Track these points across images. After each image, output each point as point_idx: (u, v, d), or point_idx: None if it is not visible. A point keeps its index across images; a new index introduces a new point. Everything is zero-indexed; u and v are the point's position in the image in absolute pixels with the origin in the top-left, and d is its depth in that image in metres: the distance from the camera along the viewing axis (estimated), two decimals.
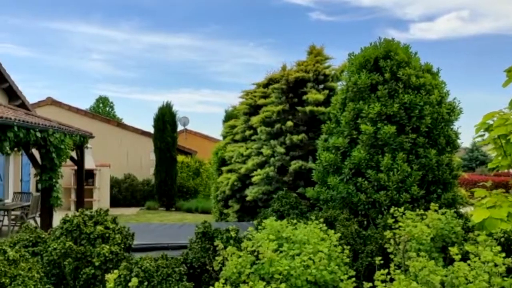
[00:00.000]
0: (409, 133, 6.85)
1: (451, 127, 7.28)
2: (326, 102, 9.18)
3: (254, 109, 10.87)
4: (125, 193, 20.44)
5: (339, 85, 9.13)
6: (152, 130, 20.35)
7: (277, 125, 9.61)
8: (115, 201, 19.63)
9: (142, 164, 21.38)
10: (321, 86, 9.85)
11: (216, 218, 12.28)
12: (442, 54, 41.01)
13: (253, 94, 11.16)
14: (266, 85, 10.93)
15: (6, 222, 12.94)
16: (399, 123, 6.89)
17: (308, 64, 9.85)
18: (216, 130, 76.28)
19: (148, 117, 76.37)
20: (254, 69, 52.47)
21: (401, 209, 5.56)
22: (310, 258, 4.62)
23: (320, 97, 9.23)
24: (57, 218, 12.09)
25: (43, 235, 5.51)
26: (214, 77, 58.01)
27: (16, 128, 9.30)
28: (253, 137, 10.55)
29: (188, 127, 25.96)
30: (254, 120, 10.25)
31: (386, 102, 6.94)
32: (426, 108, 6.88)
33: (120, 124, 22.85)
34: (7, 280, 4.26)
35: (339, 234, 5.25)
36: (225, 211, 11.49)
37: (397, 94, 7.00)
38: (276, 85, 9.97)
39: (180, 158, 20.76)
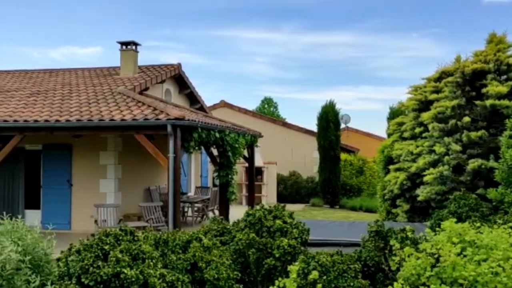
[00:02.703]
0: None
1: None
2: (510, 95, 8.31)
3: (424, 105, 10.35)
4: (290, 189, 21.25)
5: None
6: (314, 129, 20.79)
7: (452, 121, 9.01)
8: (281, 197, 20.54)
9: (306, 161, 21.95)
10: (504, 77, 8.94)
11: (383, 217, 12.02)
12: None
13: (423, 89, 10.63)
14: (437, 79, 10.32)
15: (190, 213, 14.56)
16: None
17: (488, 53, 9.02)
18: (377, 127, 74.15)
19: (309, 115, 77.86)
20: (417, 62, 49.64)
21: None
22: (499, 265, 4.27)
23: (503, 89, 8.39)
24: (232, 211, 13.21)
25: (228, 226, 6.09)
26: (374, 72, 56.51)
27: (199, 129, 10.41)
28: (423, 134, 10.05)
29: (348, 125, 25.86)
30: (425, 116, 9.76)
31: None
32: None
33: (285, 124, 23.81)
34: (203, 265, 4.83)
35: None
36: (393, 210, 11.18)
37: None
38: (449, 79, 9.35)
39: (343, 156, 20.79)
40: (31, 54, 51.66)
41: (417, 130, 10.35)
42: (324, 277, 4.62)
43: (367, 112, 55.70)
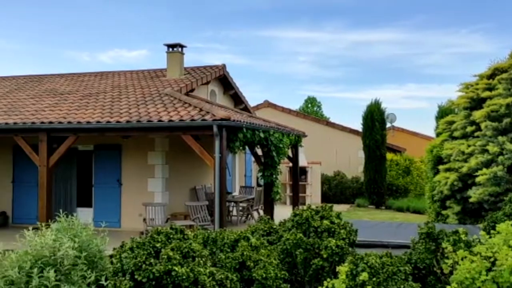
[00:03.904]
0: None
1: None
2: None
3: (476, 103, 10.00)
4: (335, 189, 21.04)
5: None
6: (358, 128, 20.50)
7: (506, 120, 8.66)
8: (326, 197, 20.38)
9: (350, 161, 21.68)
10: None
11: (432, 219, 11.70)
12: None
13: (475, 87, 10.26)
14: (490, 76, 9.94)
15: (234, 212, 14.69)
16: None
17: None
18: (423, 126, 72.08)
19: (353, 114, 76.74)
20: (466, 58, 47.95)
21: None
22: None
23: None
24: (276, 211, 13.22)
25: (275, 226, 6.11)
26: (421, 70, 54.97)
27: (244, 130, 10.49)
28: (475, 134, 9.71)
29: (394, 124, 25.31)
30: (477, 114, 9.43)
31: None
32: None
33: (329, 123, 23.60)
34: (251, 264, 4.87)
35: None
36: (443, 212, 10.85)
37: None
38: (503, 75, 9.00)
39: (388, 156, 20.37)
40: (81, 58, 53.71)
41: (469, 129, 10.00)
42: (374, 279, 4.55)
43: (413, 111, 54.33)
